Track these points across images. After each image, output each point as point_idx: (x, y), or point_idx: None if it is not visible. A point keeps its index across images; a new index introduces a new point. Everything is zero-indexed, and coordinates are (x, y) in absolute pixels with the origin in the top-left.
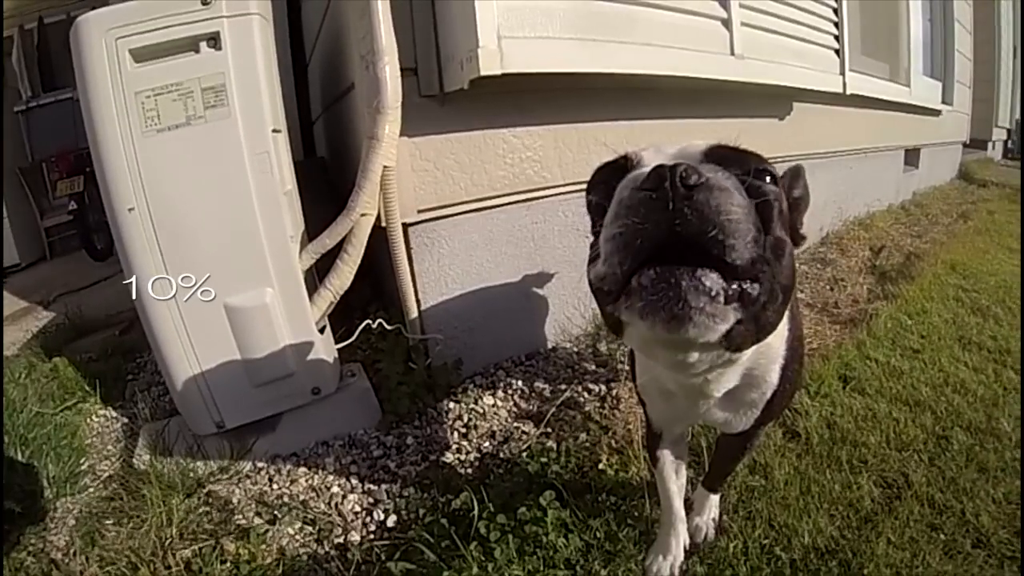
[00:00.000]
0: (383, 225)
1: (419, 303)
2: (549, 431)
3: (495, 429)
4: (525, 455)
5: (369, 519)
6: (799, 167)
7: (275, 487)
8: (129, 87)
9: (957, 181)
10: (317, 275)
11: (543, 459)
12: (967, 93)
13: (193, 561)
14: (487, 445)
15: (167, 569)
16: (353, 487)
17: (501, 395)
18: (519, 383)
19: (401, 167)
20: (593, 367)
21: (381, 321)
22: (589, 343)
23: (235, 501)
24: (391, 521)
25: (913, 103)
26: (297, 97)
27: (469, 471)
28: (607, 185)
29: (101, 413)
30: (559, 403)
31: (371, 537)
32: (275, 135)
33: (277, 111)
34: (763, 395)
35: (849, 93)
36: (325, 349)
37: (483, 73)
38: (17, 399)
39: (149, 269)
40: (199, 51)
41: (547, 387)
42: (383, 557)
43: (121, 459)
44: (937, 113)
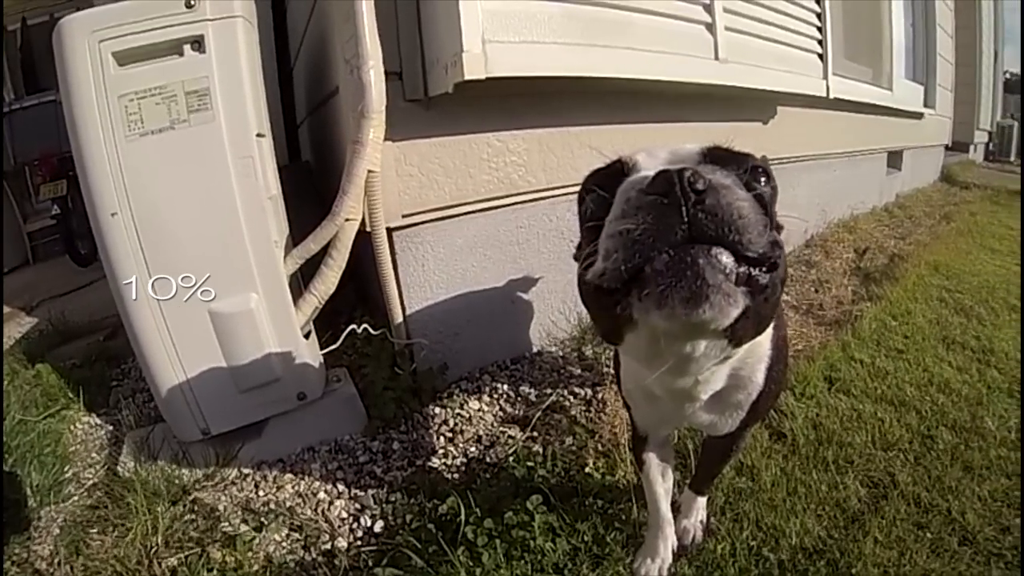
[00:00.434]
0: (368, 230)
1: (404, 308)
2: (535, 435)
3: (481, 433)
4: (511, 459)
5: (356, 525)
6: (763, 158)
7: (261, 493)
8: (112, 90)
9: (939, 183)
10: (302, 280)
11: (529, 463)
12: (949, 97)
13: (179, 569)
14: (473, 450)
15: None
16: (340, 493)
17: (487, 399)
18: (505, 387)
19: (386, 171)
20: (579, 371)
21: (366, 326)
22: (574, 347)
23: (221, 508)
24: (378, 527)
25: (896, 106)
26: (282, 101)
27: (456, 476)
28: (602, 189)
29: (85, 420)
30: (545, 407)
31: (358, 543)
32: (259, 139)
33: (261, 115)
34: (749, 396)
35: (832, 97)
36: (310, 354)
37: (467, 77)
38: None
39: (133, 274)
40: (183, 54)
41: (533, 391)
42: (370, 563)
43: (105, 467)
44: (919, 116)
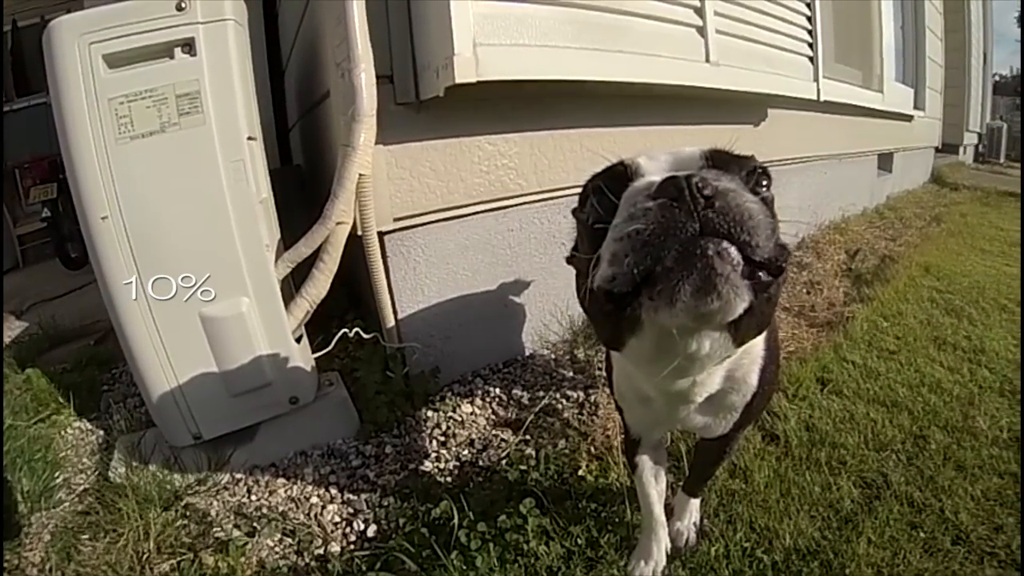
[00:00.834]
0: (359, 233)
1: (396, 311)
2: (528, 438)
3: (474, 437)
4: (504, 463)
5: (349, 529)
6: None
7: (254, 498)
8: (102, 93)
9: (930, 185)
10: (293, 284)
11: (522, 466)
12: (938, 99)
13: (171, 575)
14: (466, 453)
15: None
16: (332, 497)
17: (479, 403)
18: (497, 390)
19: (377, 175)
20: (571, 374)
21: (358, 330)
22: (567, 350)
23: (213, 513)
24: (371, 531)
25: (886, 109)
26: (273, 104)
27: (448, 479)
28: (604, 192)
29: (76, 425)
30: (537, 410)
31: (351, 548)
32: (250, 143)
33: (252, 118)
34: (743, 398)
35: (823, 99)
36: (302, 358)
37: (458, 81)
38: None
39: (123, 278)
40: (174, 57)
41: (525, 394)
42: (363, 568)
43: (97, 472)
44: (909, 118)
